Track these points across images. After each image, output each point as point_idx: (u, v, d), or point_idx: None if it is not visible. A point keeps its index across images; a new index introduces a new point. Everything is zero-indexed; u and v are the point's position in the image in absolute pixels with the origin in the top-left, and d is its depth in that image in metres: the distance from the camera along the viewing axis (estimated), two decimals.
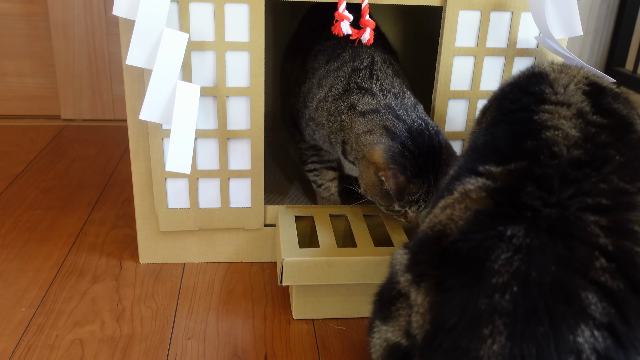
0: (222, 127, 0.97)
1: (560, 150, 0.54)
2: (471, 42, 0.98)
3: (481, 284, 0.48)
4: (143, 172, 0.99)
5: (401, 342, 0.56)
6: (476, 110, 1.03)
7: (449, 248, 0.53)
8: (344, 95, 0.96)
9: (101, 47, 1.70)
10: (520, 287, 0.47)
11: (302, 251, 0.89)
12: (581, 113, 0.60)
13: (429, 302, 0.52)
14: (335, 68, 1.00)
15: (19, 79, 1.74)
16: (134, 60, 0.86)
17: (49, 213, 1.23)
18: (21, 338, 0.86)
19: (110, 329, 0.89)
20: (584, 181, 0.51)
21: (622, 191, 0.51)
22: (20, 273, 1.02)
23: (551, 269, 0.47)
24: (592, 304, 0.46)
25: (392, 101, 0.93)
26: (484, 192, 0.54)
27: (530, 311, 0.46)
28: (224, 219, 1.03)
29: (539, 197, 0.51)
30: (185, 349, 0.86)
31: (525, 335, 0.46)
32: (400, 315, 0.57)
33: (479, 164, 0.57)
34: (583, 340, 0.45)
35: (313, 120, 1.01)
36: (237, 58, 0.93)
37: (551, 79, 0.68)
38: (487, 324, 0.47)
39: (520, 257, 0.48)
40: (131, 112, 0.95)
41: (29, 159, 1.49)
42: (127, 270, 1.04)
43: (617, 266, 0.47)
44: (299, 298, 0.92)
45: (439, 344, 0.50)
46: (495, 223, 0.51)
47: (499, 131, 0.63)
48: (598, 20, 1.99)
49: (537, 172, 0.53)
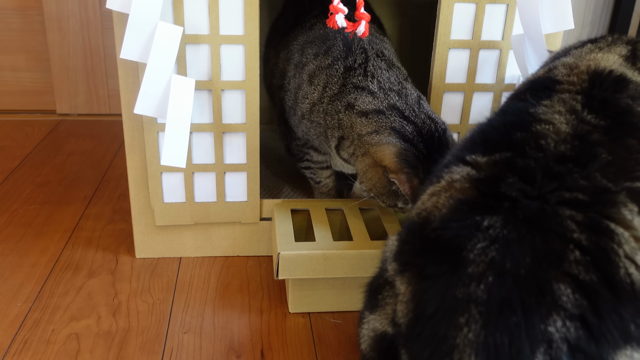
0: (217, 121, 0.96)
1: (547, 144, 0.55)
2: (466, 35, 0.98)
3: (459, 273, 0.49)
4: (138, 166, 0.99)
5: (387, 331, 0.57)
6: (471, 104, 1.03)
7: (431, 236, 0.53)
8: (339, 95, 0.94)
9: (96, 41, 1.69)
10: (495, 278, 0.48)
11: (298, 245, 0.89)
12: (574, 110, 0.59)
13: (411, 291, 0.53)
14: (327, 65, 0.96)
15: (13, 74, 1.73)
16: (128, 54, 0.86)
17: (44, 208, 1.22)
18: (17, 333, 0.86)
19: (106, 324, 0.89)
20: (566, 176, 0.52)
21: (603, 189, 0.51)
22: (16, 268, 1.02)
23: (526, 260, 0.48)
24: (564, 295, 0.47)
25: (396, 100, 0.90)
26: (468, 182, 0.54)
27: (504, 301, 0.47)
28: (220, 213, 1.03)
29: (519, 188, 0.51)
30: (182, 343, 0.86)
31: (498, 324, 0.46)
32: (387, 304, 0.58)
33: (468, 152, 0.58)
34: (554, 330, 0.46)
35: (307, 118, 1.00)
36: (232, 51, 0.93)
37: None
38: (464, 313, 0.48)
39: (497, 248, 0.48)
40: (126, 106, 0.95)
41: (24, 154, 1.48)
42: (123, 265, 1.04)
43: (591, 259, 0.48)
44: (295, 291, 0.92)
45: (419, 332, 0.51)
46: (474, 213, 0.51)
47: (495, 120, 0.63)
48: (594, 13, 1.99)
49: (519, 164, 0.53)
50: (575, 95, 0.61)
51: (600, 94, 0.60)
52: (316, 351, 0.85)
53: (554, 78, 0.65)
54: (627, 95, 0.59)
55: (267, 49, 1.20)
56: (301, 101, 1.00)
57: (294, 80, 1.03)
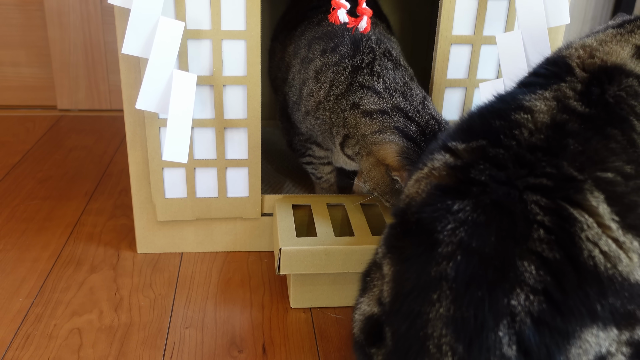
0: (219, 117, 0.96)
1: (521, 134, 0.56)
2: (468, 30, 0.98)
3: (433, 254, 0.52)
4: (140, 161, 0.99)
5: (374, 311, 0.61)
6: (472, 99, 1.03)
7: (411, 220, 0.57)
8: (346, 94, 0.94)
9: (97, 37, 1.69)
10: (463, 257, 0.51)
11: (299, 240, 0.90)
12: (564, 97, 0.60)
13: (393, 272, 0.57)
14: (334, 63, 0.97)
15: (14, 69, 1.73)
16: (130, 49, 0.85)
17: (46, 203, 1.23)
18: (19, 327, 0.87)
19: (108, 318, 0.89)
20: (535, 164, 0.54)
21: (569, 177, 0.53)
22: (18, 263, 1.02)
23: (491, 239, 0.50)
24: (527, 271, 0.49)
25: (400, 101, 0.91)
26: (445, 169, 0.57)
27: (471, 278, 0.50)
28: (222, 209, 1.03)
29: (489, 174, 0.54)
30: (184, 338, 0.86)
31: (465, 299, 0.49)
32: (374, 285, 0.62)
33: (451, 139, 0.60)
34: (517, 304, 0.48)
35: (312, 115, 1.00)
36: (234, 47, 0.93)
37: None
38: (436, 290, 0.51)
39: (465, 229, 0.51)
40: (127, 102, 0.95)
41: (25, 149, 1.48)
42: (125, 260, 1.04)
43: (555, 238, 0.50)
44: (297, 287, 0.92)
45: (398, 309, 0.55)
46: (446, 197, 0.54)
47: (484, 106, 0.64)
48: (595, 9, 1.98)
49: (491, 152, 0.56)
50: (575, 83, 0.62)
51: (600, 85, 0.61)
52: (317, 346, 0.86)
53: (567, 61, 0.65)
54: (621, 88, 0.60)
55: (274, 42, 1.20)
56: (306, 98, 1.00)
57: (299, 75, 1.03)
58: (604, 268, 0.50)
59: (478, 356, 0.49)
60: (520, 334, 0.48)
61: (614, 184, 0.52)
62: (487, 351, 0.48)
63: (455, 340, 0.50)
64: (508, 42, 0.94)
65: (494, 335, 0.48)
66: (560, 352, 0.49)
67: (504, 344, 0.48)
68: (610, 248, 0.50)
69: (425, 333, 0.51)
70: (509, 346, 0.48)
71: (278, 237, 0.91)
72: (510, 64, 0.94)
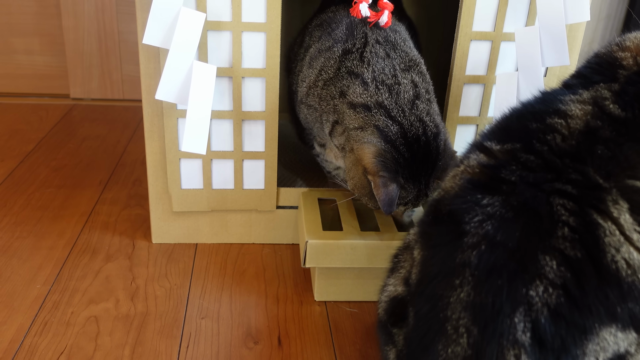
0: (237, 109, 0.97)
1: (553, 139, 0.57)
2: (488, 26, 0.98)
3: (459, 242, 0.54)
4: (157, 152, 0.99)
5: (399, 291, 0.63)
6: (491, 96, 1.03)
7: (443, 210, 0.59)
8: (334, 80, 0.89)
9: (111, 26, 1.69)
10: (487, 247, 0.53)
11: (325, 234, 0.90)
12: (601, 98, 0.60)
13: (422, 256, 0.59)
14: (327, 48, 0.92)
15: (28, 57, 1.73)
16: (151, 39, 0.86)
17: (60, 192, 1.23)
18: (37, 314, 0.87)
19: (124, 307, 0.90)
20: (562, 170, 0.55)
21: (594, 185, 0.53)
22: (34, 250, 1.03)
23: (516, 234, 0.52)
24: (548, 265, 0.51)
25: (384, 98, 0.84)
26: (479, 167, 0.59)
27: (493, 267, 0.52)
28: (237, 201, 1.04)
29: (519, 175, 0.56)
30: (200, 328, 0.87)
31: (485, 286, 0.52)
32: (402, 267, 0.65)
33: (487, 138, 0.62)
34: (535, 294, 0.50)
35: (305, 105, 0.96)
36: (254, 39, 0.93)
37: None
38: (459, 276, 0.53)
39: (492, 223, 0.53)
40: (146, 92, 0.95)
41: (39, 138, 1.49)
42: (140, 250, 1.05)
43: (579, 238, 0.51)
44: (322, 280, 0.93)
45: (422, 291, 0.58)
46: (476, 191, 0.56)
47: (523, 107, 0.64)
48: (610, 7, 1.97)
49: (523, 156, 0.57)
50: (614, 82, 0.61)
51: (635, 83, 0.60)
52: (333, 339, 0.86)
53: (614, 56, 0.64)
54: None
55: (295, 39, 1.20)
56: (299, 85, 0.97)
57: (300, 63, 1.01)
58: (625, 274, 0.50)
59: (491, 339, 0.51)
60: (536, 323, 0.50)
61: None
62: (501, 335, 0.50)
63: (472, 323, 0.52)
64: (526, 36, 0.93)
65: (509, 321, 0.50)
66: (577, 346, 0.50)
67: (518, 330, 0.50)
68: (631, 256, 0.51)
69: (445, 315, 0.54)
70: (523, 332, 0.50)
71: (304, 230, 0.91)
72: (526, 59, 0.94)
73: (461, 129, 1.05)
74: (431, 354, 0.54)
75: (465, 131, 1.05)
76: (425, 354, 0.55)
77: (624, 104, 0.58)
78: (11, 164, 1.34)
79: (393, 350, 0.63)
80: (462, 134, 1.05)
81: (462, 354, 0.52)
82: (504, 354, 0.50)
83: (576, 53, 1.01)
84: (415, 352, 0.57)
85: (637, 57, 0.63)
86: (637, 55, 0.63)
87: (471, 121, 1.04)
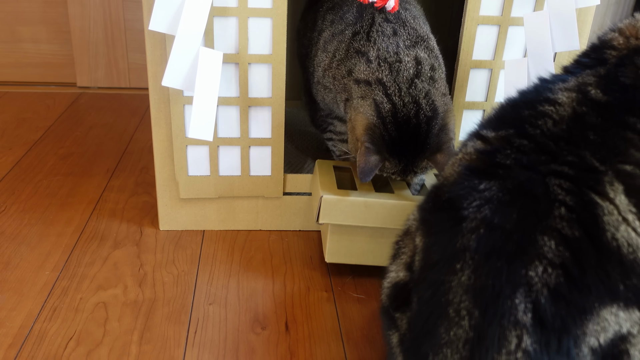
0: (243, 95, 0.96)
1: (545, 124, 0.58)
2: (496, 11, 0.97)
3: (459, 228, 0.55)
4: (164, 139, 0.99)
5: (401, 276, 0.64)
6: (497, 81, 1.02)
7: (442, 197, 0.60)
8: (345, 60, 0.93)
9: (117, 14, 1.68)
10: (486, 230, 0.53)
11: (340, 191, 0.90)
12: (585, 85, 0.60)
13: (424, 243, 0.60)
14: (339, 31, 0.95)
15: (34, 45, 1.74)
16: (157, 25, 0.85)
17: (68, 179, 1.24)
18: (46, 300, 0.88)
19: (133, 293, 0.90)
20: (557, 153, 0.56)
21: (591, 167, 0.54)
22: (43, 237, 1.03)
23: (513, 216, 0.53)
24: (546, 245, 0.51)
25: (384, 75, 0.87)
26: (475, 154, 0.60)
27: (492, 249, 0.53)
28: (244, 187, 1.04)
29: (514, 158, 0.57)
30: (207, 314, 0.87)
31: (485, 269, 0.52)
32: (403, 253, 0.65)
33: (484, 127, 0.63)
34: (534, 275, 0.50)
35: (322, 85, 1.00)
36: (260, 25, 0.92)
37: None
38: (459, 260, 0.54)
39: (490, 207, 0.54)
40: (152, 79, 0.95)
41: (46, 126, 1.49)
42: (148, 237, 1.05)
43: (576, 217, 0.51)
44: (334, 238, 0.92)
45: (425, 277, 0.58)
46: (474, 176, 0.57)
47: (518, 96, 0.65)
48: None
49: (517, 141, 0.58)
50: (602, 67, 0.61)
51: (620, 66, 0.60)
52: (340, 325, 0.86)
53: (608, 42, 0.64)
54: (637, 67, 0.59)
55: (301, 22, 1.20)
56: (316, 68, 1.01)
57: (315, 47, 1.03)
58: (627, 251, 0.51)
59: (492, 320, 0.51)
60: (537, 303, 0.50)
61: (633, 176, 0.53)
62: (502, 317, 0.51)
63: (473, 305, 0.52)
64: (535, 21, 0.93)
65: (509, 302, 0.51)
66: (577, 326, 0.50)
67: (519, 311, 0.50)
68: (630, 235, 0.51)
69: (447, 299, 0.54)
70: (524, 313, 0.50)
71: (319, 187, 0.91)
72: (536, 44, 0.93)
73: (467, 113, 1.04)
74: (434, 337, 0.55)
75: (472, 116, 1.04)
76: (428, 337, 0.56)
77: (605, 87, 0.59)
78: (19, 152, 1.35)
79: (396, 334, 0.63)
80: (469, 119, 1.04)
81: (464, 337, 0.53)
82: (505, 335, 0.50)
83: (585, 38, 1.00)
84: (418, 336, 0.58)
85: (630, 37, 0.63)
86: (630, 35, 0.63)
87: (477, 106, 1.03)
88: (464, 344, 0.53)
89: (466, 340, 0.52)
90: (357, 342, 0.83)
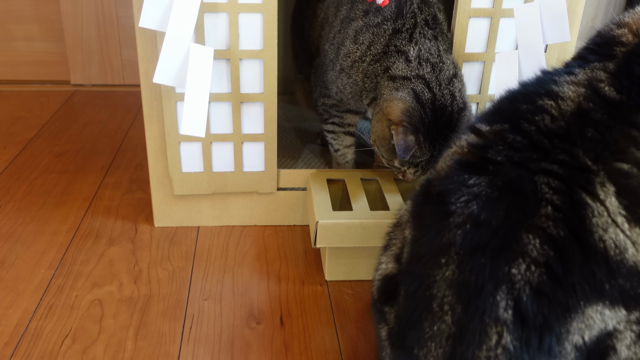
0: (235, 91, 0.96)
1: (542, 120, 0.57)
2: (487, 3, 0.97)
3: (446, 222, 0.56)
4: (157, 136, 0.99)
5: (390, 268, 0.65)
6: (490, 74, 1.02)
7: (433, 191, 0.60)
8: (382, 58, 0.95)
9: (109, 11, 1.68)
10: (472, 226, 0.54)
11: (335, 214, 0.91)
12: (596, 80, 0.58)
13: (413, 236, 0.61)
14: (375, 24, 0.96)
15: (27, 44, 1.73)
16: (147, 22, 0.85)
17: (63, 177, 1.24)
18: (42, 298, 0.88)
19: (128, 290, 0.91)
20: (549, 151, 0.55)
21: (582, 166, 0.53)
22: (38, 235, 1.03)
23: (500, 213, 0.53)
24: (531, 244, 0.51)
25: (426, 72, 0.92)
26: (467, 147, 0.60)
27: (476, 245, 0.53)
28: (238, 183, 1.04)
29: (505, 154, 0.56)
30: (202, 310, 0.87)
31: (469, 264, 0.53)
32: (393, 244, 0.66)
33: (479, 120, 0.62)
34: (517, 272, 0.50)
35: (346, 74, 0.99)
36: (250, 20, 0.92)
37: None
38: (445, 255, 0.55)
39: (477, 203, 0.54)
40: (144, 76, 0.95)
41: (40, 124, 1.49)
42: (143, 233, 1.05)
43: (562, 217, 0.51)
44: (332, 260, 0.93)
45: (411, 270, 0.59)
46: (464, 171, 0.57)
47: (518, 88, 0.64)
48: None
49: (510, 137, 0.57)
50: (610, 61, 0.60)
51: (631, 63, 0.59)
52: (334, 318, 0.87)
53: (612, 34, 0.63)
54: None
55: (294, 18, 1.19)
56: (343, 58, 0.99)
57: (339, 35, 1.02)
58: (614, 253, 0.51)
59: (474, 316, 0.51)
60: (518, 300, 0.50)
61: (628, 175, 0.52)
62: (483, 313, 0.51)
63: (456, 300, 0.53)
64: (525, 13, 0.93)
65: (491, 299, 0.51)
66: (560, 324, 0.50)
67: (500, 308, 0.50)
68: (617, 237, 0.51)
69: (432, 293, 0.55)
70: (505, 310, 0.50)
71: (314, 211, 0.92)
72: (526, 36, 0.93)
73: None
74: (419, 330, 0.56)
75: None
76: (414, 330, 0.56)
77: (621, 86, 0.57)
78: (13, 150, 1.35)
79: (385, 328, 0.64)
80: None
81: (447, 331, 0.53)
82: (486, 331, 0.51)
83: (576, 29, 1.00)
84: (404, 329, 0.58)
85: (639, 31, 0.62)
86: (638, 29, 0.62)
87: (471, 99, 1.04)
88: (446, 338, 0.53)
89: (449, 335, 0.53)
90: (351, 335, 0.84)
